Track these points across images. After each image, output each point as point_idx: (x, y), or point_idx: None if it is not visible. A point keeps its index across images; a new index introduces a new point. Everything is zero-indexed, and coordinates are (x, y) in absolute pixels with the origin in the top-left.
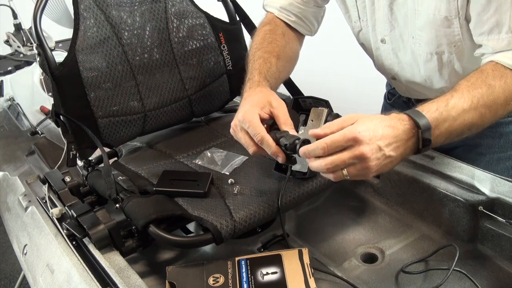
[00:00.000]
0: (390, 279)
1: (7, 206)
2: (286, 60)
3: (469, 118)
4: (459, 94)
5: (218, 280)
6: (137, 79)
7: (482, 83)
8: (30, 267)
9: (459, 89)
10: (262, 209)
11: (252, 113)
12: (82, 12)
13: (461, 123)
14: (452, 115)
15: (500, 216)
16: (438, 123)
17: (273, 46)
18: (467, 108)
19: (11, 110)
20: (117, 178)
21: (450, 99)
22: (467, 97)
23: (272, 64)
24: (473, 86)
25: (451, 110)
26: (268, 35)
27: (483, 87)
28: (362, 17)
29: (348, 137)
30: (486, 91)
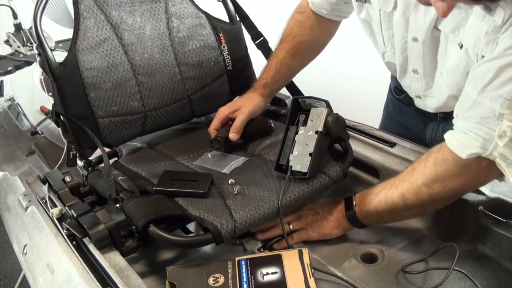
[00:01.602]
0: (390, 279)
1: (7, 206)
2: (305, 53)
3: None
4: (394, 188)
5: (218, 280)
6: (137, 79)
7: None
8: (30, 267)
9: (396, 181)
10: (262, 209)
11: (223, 110)
12: (82, 12)
13: (394, 218)
14: (380, 215)
15: (500, 216)
16: (367, 219)
17: (293, 43)
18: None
19: (11, 110)
20: (117, 178)
21: (380, 195)
22: (399, 192)
23: (284, 65)
24: (407, 176)
25: (378, 206)
26: (296, 28)
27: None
28: (387, 44)
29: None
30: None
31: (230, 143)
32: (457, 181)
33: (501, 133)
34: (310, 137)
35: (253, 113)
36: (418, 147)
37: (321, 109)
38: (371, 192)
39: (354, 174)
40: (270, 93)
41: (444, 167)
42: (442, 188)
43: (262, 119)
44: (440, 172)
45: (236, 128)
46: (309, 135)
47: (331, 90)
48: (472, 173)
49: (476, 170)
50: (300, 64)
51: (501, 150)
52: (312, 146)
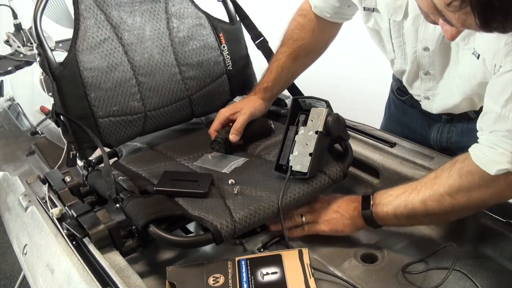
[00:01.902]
0: (390, 279)
1: (7, 206)
2: (305, 56)
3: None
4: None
5: (218, 280)
6: (137, 79)
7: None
8: (30, 267)
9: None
10: (262, 209)
11: (224, 112)
12: (82, 12)
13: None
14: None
15: (500, 216)
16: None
17: (294, 47)
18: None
19: (11, 110)
20: (117, 178)
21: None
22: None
23: (284, 69)
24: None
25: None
26: (297, 31)
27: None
28: (397, 51)
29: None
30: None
31: (230, 144)
32: (482, 194)
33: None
34: (310, 137)
35: (254, 115)
36: (418, 147)
37: (321, 109)
38: (391, 193)
39: (354, 174)
40: (270, 96)
41: (469, 179)
42: (466, 199)
43: (262, 120)
44: (465, 183)
45: (237, 129)
46: (309, 135)
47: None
48: (499, 187)
49: (503, 184)
50: (301, 67)
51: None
52: (312, 146)
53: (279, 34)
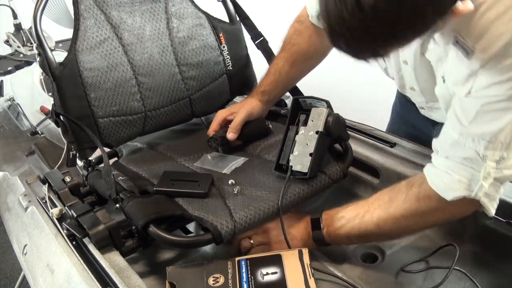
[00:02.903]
0: (390, 279)
1: (7, 206)
2: (303, 62)
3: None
4: (368, 216)
5: (218, 280)
6: (137, 79)
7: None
8: (30, 267)
9: (370, 207)
10: (262, 209)
11: (222, 113)
12: (82, 12)
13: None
14: (350, 239)
15: (500, 216)
16: (335, 241)
17: (292, 52)
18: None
19: (11, 110)
20: (117, 178)
21: (354, 221)
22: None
23: (282, 73)
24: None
25: (351, 232)
26: (295, 37)
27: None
28: (387, 60)
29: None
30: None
31: (228, 143)
32: (438, 217)
33: (485, 175)
34: (311, 137)
35: (251, 114)
36: (418, 147)
37: (321, 109)
38: (342, 215)
39: (354, 174)
40: (268, 100)
41: (426, 203)
42: (422, 222)
43: (260, 120)
44: (422, 207)
45: (234, 127)
46: (309, 135)
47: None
48: (455, 210)
49: (458, 207)
50: (299, 72)
51: (486, 190)
52: (312, 146)
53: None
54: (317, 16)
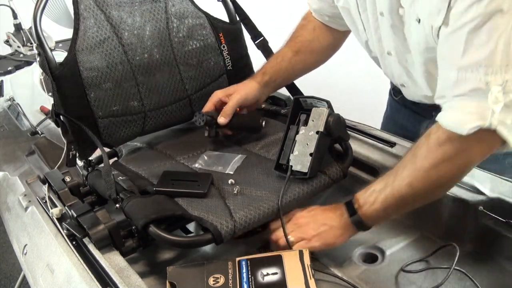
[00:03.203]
0: (390, 279)
1: (7, 206)
2: (308, 53)
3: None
4: (398, 177)
5: (218, 281)
6: (137, 79)
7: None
8: (30, 267)
9: (400, 167)
10: (262, 209)
11: (217, 93)
12: (82, 12)
13: (401, 208)
14: (388, 211)
15: (500, 216)
16: (372, 217)
17: (296, 41)
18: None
19: (11, 110)
20: (117, 178)
21: (385, 190)
22: (405, 181)
23: (285, 59)
24: (409, 162)
25: (385, 202)
26: (298, 31)
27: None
28: (367, 29)
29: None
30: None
31: (216, 128)
32: (466, 159)
33: (494, 100)
34: (311, 137)
35: (245, 99)
36: None
37: (322, 109)
38: (372, 189)
39: (354, 174)
40: (268, 82)
41: (449, 147)
42: (450, 167)
43: (254, 114)
44: (447, 152)
45: (225, 112)
46: (309, 135)
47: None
48: (479, 147)
49: (480, 143)
50: (302, 63)
51: (499, 116)
52: (312, 146)
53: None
54: (318, 9)
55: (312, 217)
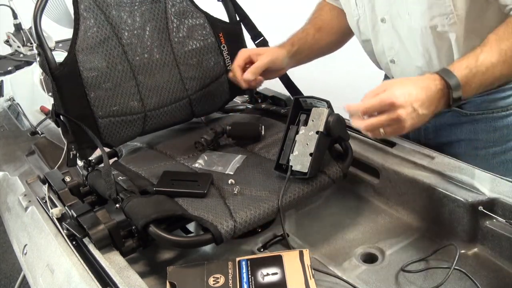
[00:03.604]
0: (390, 279)
1: (7, 206)
2: (328, 31)
3: (498, 71)
4: (487, 48)
5: (219, 281)
6: (137, 79)
7: (509, 35)
8: (30, 267)
9: (487, 43)
10: (262, 209)
11: (246, 51)
12: (82, 12)
13: (491, 76)
14: (482, 71)
15: (500, 216)
16: (468, 80)
17: (317, 20)
18: (496, 62)
19: (11, 110)
20: (117, 178)
21: (480, 54)
22: (496, 51)
23: (309, 34)
24: (501, 39)
25: (481, 66)
26: (317, 11)
27: (510, 39)
28: (359, 4)
29: (385, 103)
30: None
31: (217, 141)
32: None
33: None
34: (311, 137)
35: (274, 63)
36: (418, 147)
37: (322, 109)
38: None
39: (354, 174)
40: (296, 53)
41: None
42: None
43: (253, 124)
44: None
45: (255, 69)
46: (309, 135)
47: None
48: None
49: None
50: (323, 40)
51: None
52: (312, 146)
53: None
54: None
55: (410, 107)
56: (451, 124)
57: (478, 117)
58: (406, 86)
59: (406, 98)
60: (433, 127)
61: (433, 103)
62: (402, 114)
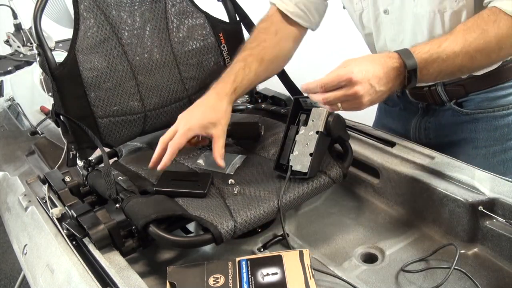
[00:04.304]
0: (390, 279)
1: (7, 206)
2: (270, 61)
3: (459, 60)
4: (453, 37)
5: (219, 281)
6: (137, 79)
7: (477, 27)
8: (30, 267)
9: (454, 32)
10: (262, 209)
11: (194, 129)
12: (82, 12)
13: (451, 64)
14: (442, 57)
15: (500, 216)
16: (427, 64)
17: (260, 48)
18: (458, 51)
19: (11, 110)
20: (117, 178)
21: (444, 42)
22: (460, 40)
23: (252, 70)
24: (468, 30)
25: (442, 53)
26: (261, 34)
27: (476, 31)
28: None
29: (343, 78)
30: (479, 35)
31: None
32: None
33: None
34: (311, 137)
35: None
36: (418, 147)
37: (322, 109)
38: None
39: (354, 174)
40: (236, 97)
41: (510, 24)
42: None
43: (253, 124)
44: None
45: (222, 154)
46: (309, 135)
47: None
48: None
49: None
50: (264, 72)
51: None
52: (312, 146)
53: None
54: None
55: (367, 83)
56: (452, 123)
57: (479, 116)
58: (364, 63)
59: (364, 75)
60: (434, 126)
61: (390, 80)
62: (359, 90)
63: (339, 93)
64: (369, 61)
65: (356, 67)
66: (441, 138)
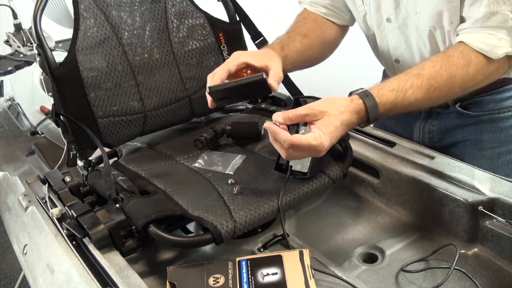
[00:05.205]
0: (390, 279)
1: (7, 206)
2: (314, 39)
3: (419, 104)
4: (418, 82)
5: (219, 281)
6: (137, 79)
7: (445, 72)
8: (30, 267)
9: (421, 75)
10: (262, 209)
11: (240, 55)
12: (82, 12)
13: (411, 107)
14: (405, 105)
15: (500, 216)
16: (388, 112)
17: (301, 28)
18: (421, 98)
19: (11, 110)
20: (117, 178)
21: (409, 90)
22: (425, 88)
23: (296, 40)
24: (435, 74)
25: (406, 101)
26: (299, 22)
27: (443, 76)
28: (365, 1)
29: (313, 148)
30: (446, 81)
31: (216, 140)
32: (486, 78)
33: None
34: None
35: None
36: (418, 147)
37: None
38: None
39: (354, 174)
40: (284, 58)
41: (478, 68)
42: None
43: (253, 124)
44: (479, 73)
45: (279, 78)
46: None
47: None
48: (499, 70)
49: (501, 66)
50: (310, 48)
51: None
52: None
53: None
54: (310, 2)
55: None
56: (456, 126)
57: (484, 117)
58: (335, 131)
59: (332, 142)
60: (438, 129)
61: (351, 127)
62: (322, 151)
63: (304, 153)
64: (340, 125)
65: (328, 141)
66: (446, 141)
